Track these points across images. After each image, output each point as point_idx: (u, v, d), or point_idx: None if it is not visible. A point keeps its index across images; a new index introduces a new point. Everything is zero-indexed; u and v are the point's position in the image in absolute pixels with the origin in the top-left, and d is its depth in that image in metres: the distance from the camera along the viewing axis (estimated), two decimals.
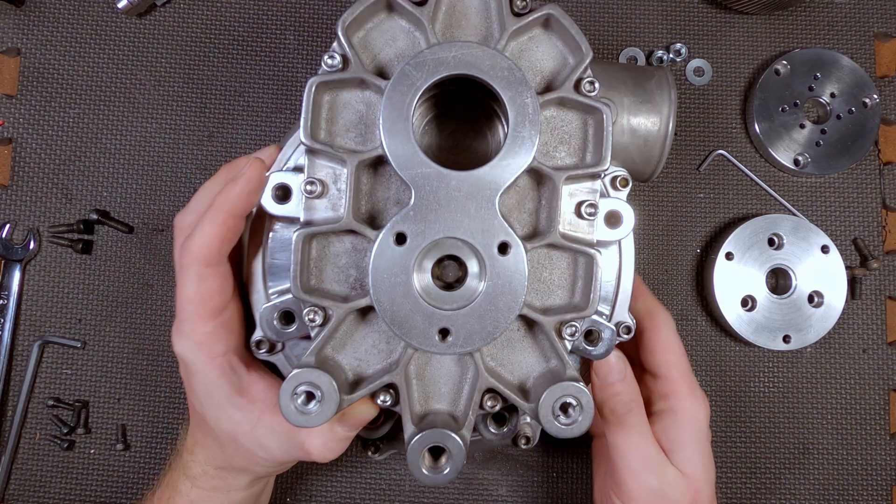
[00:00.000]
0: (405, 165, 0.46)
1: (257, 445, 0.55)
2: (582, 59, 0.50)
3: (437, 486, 0.59)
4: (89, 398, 0.75)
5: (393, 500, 0.74)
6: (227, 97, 0.77)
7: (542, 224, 0.51)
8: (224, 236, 0.53)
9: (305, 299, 0.48)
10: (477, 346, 0.47)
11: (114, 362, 0.75)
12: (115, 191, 0.76)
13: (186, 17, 0.78)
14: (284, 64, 0.77)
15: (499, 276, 0.47)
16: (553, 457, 0.74)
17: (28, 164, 0.76)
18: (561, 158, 0.52)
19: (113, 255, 0.76)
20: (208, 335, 0.54)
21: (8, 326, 0.74)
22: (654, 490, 0.57)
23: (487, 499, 0.73)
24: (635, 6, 0.79)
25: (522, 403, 0.49)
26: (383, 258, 0.47)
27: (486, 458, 0.74)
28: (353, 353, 0.51)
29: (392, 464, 0.74)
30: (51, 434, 0.74)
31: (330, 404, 0.46)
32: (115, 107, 0.77)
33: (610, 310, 0.57)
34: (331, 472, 0.74)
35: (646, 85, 0.64)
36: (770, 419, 0.76)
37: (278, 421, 0.54)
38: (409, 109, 0.46)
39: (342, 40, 0.49)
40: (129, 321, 0.75)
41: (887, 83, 0.78)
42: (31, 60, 0.77)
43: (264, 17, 0.78)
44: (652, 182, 0.74)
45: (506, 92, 0.47)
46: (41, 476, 0.74)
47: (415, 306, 0.47)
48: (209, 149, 0.76)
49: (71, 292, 0.75)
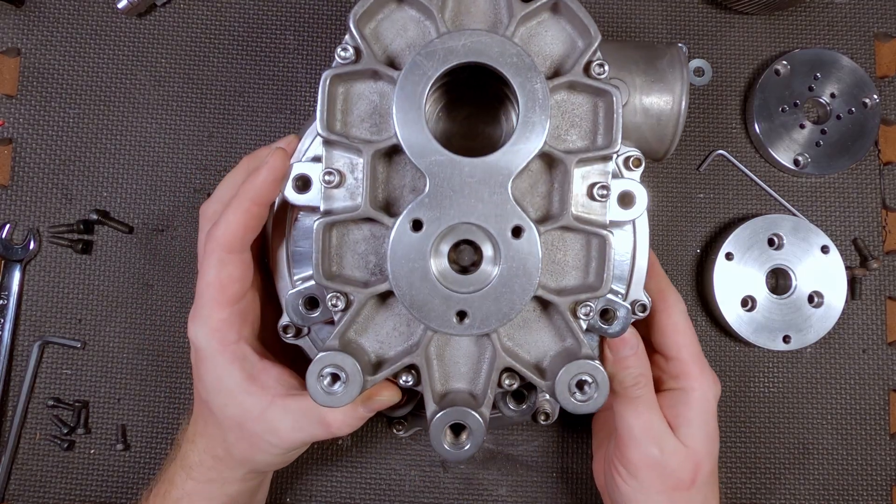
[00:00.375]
0: (419, 154, 0.48)
1: (266, 429, 0.56)
2: (591, 42, 0.51)
3: (459, 460, 0.61)
4: (89, 398, 0.75)
5: (393, 500, 0.74)
6: (227, 97, 0.77)
7: (555, 207, 0.52)
8: (247, 224, 0.54)
9: (327, 285, 0.50)
10: (493, 327, 0.49)
11: (114, 362, 0.75)
12: (115, 191, 0.76)
13: (186, 17, 0.78)
14: (284, 64, 0.77)
15: (513, 258, 0.48)
16: (553, 457, 0.74)
17: (28, 164, 0.76)
18: (572, 141, 0.53)
19: (113, 255, 0.76)
20: (223, 322, 0.55)
21: (8, 326, 0.74)
22: (656, 459, 0.58)
23: (487, 499, 0.73)
24: (635, 6, 0.79)
25: (540, 381, 0.50)
26: (401, 244, 0.48)
27: (486, 458, 0.74)
28: (376, 336, 0.53)
29: (392, 464, 0.74)
30: (51, 434, 0.74)
31: (354, 385, 0.48)
32: (115, 107, 0.77)
33: (625, 288, 0.58)
34: (331, 472, 0.74)
35: (657, 64, 0.65)
36: (770, 419, 0.76)
37: (293, 401, 0.55)
38: (421, 99, 0.48)
39: (354, 32, 0.50)
40: (129, 321, 0.75)
41: (887, 83, 0.78)
42: (31, 60, 0.77)
43: (264, 17, 0.78)
44: (653, 183, 0.74)
45: (515, 78, 0.48)
46: (41, 476, 0.74)
47: (432, 290, 0.48)
48: (209, 149, 0.76)
49: (71, 292, 0.75)
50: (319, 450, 0.74)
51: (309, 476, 0.74)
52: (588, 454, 0.74)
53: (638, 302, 0.58)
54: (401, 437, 0.59)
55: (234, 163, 0.76)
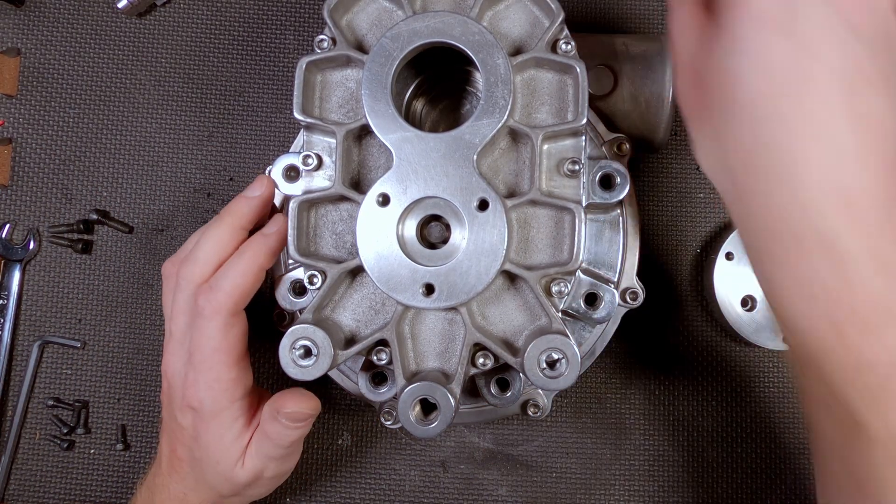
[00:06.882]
0: (385, 130, 0.50)
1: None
2: (554, 19, 0.52)
3: (427, 438, 0.61)
4: (89, 398, 0.75)
5: (393, 500, 0.74)
6: (227, 97, 0.77)
7: (525, 183, 0.53)
8: (255, 286, 0.55)
9: (301, 261, 0.53)
10: (461, 301, 0.50)
11: (114, 362, 0.75)
12: (115, 191, 0.76)
13: (186, 17, 0.78)
14: (284, 64, 0.77)
15: (480, 232, 0.49)
16: (553, 457, 0.74)
17: (28, 164, 0.76)
18: (542, 119, 0.54)
19: (113, 255, 0.76)
20: (232, 381, 0.55)
21: (8, 326, 0.74)
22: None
23: (487, 499, 0.74)
24: (635, 6, 0.79)
25: (509, 357, 0.51)
26: (368, 219, 0.50)
27: (486, 458, 0.74)
28: (352, 314, 0.54)
29: (392, 464, 0.74)
30: (51, 434, 0.74)
31: (325, 358, 0.49)
32: (115, 107, 0.77)
33: (617, 277, 0.59)
34: (331, 472, 0.74)
35: (644, 52, 0.66)
36: (770, 419, 0.76)
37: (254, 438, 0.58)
38: (387, 79, 0.50)
39: (328, 22, 0.53)
40: (129, 321, 0.75)
41: None
42: (31, 60, 0.77)
43: (264, 17, 0.78)
44: (652, 182, 0.73)
45: (477, 55, 0.50)
46: (41, 476, 0.74)
47: (400, 263, 0.50)
48: (209, 149, 0.76)
49: (71, 292, 0.75)
50: (319, 450, 0.74)
51: (309, 476, 0.74)
52: (588, 455, 0.74)
53: (629, 289, 0.59)
54: (389, 428, 0.60)
55: (235, 162, 0.76)
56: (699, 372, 0.75)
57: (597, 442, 0.74)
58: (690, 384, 0.74)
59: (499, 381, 0.58)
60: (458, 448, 0.74)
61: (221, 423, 0.56)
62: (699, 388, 0.74)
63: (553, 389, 0.52)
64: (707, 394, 0.74)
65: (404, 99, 0.60)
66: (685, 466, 0.73)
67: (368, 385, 0.57)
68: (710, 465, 0.73)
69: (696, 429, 0.74)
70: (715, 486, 0.73)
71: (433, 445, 0.74)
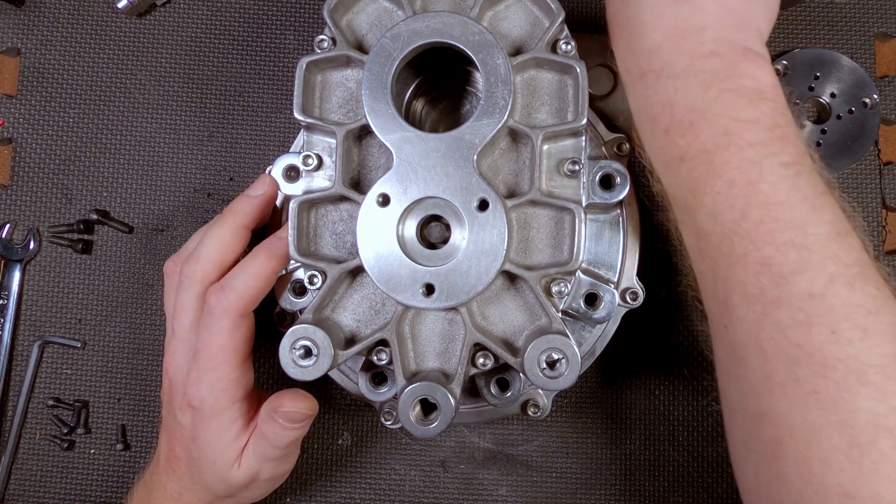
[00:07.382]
0: (385, 130, 0.50)
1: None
2: (554, 19, 0.52)
3: (427, 438, 0.61)
4: (89, 398, 0.75)
5: (393, 500, 0.74)
6: (227, 97, 0.77)
7: (525, 183, 0.53)
8: (266, 287, 0.55)
9: (301, 261, 0.52)
10: (461, 301, 0.50)
11: (114, 362, 0.75)
12: (115, 191, 0.76)
13: (186, 17, 0.78)
14: (284, 64, 0.77)
15: (480, 232, 0.49)
16: (553, 457, 0.74)
17: (28, 164, 0.76)
18: (542, 119, 0.54)
19: (113, 255, 0.76)
20: (234, 381, 0.55)
21: (8, 326, 0.74)
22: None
23: (487, 499, 0.73)
24: None
25: (509, 357, 0.51)
26: (369, 219, 0.50)
27: (486, 458, 0.74)
28: (352, 314, 0.54)
29: (392, 464, 0.74)
30: (51, 434, 0.74)
31: (325, 358, 0.49)
32: (115, 107, 0.77)
33: (617, 277, 0.59)
34: (331, 472, 0.74)
35: None
36: None
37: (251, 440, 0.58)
38: (387, 79, 0.50)
39: (328, 22, 0.53)
40: (129, 321, 0.75)
41: (887, 83, 0.78)
42: (31, 60, 0.77)
43: (264, 17, 0.78)
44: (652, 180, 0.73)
45: (477, 55, 0.50)
46: (41, 476, 0.74)
47: (400, 264, 0.50)
48: (209, 149, 0.76)
49: (71, 292, 0.75)
50: (319, 450, 0.74)
51: (309, 476, 0.74)
52: (588, 455, 0.74)
53: (629, 290, 0.59)
54: (389, 428, 0.60)
55: (235, 162, 0.76)
56: (699, 372, 0.75)
57: (597, 442, 0.74)
58: (690, 384, 0.74)
59: (499, 381, 0.58)
60: (458, 448, 0.74)
61: (220, 424, 0.56)
62: (699, 388, 0.74)
63: (553, 389, 0.52)
64: (707, 393, 0.74)
65: (404, 99, 0.60)
66: (685, 466, 0.73)
67: (368, 385, 0.57)
68: (710, 465, 0.73)
69: (696, 429, 0.74)
70: (715, 486, 0.73)
71: (433, 445, 0.74)
